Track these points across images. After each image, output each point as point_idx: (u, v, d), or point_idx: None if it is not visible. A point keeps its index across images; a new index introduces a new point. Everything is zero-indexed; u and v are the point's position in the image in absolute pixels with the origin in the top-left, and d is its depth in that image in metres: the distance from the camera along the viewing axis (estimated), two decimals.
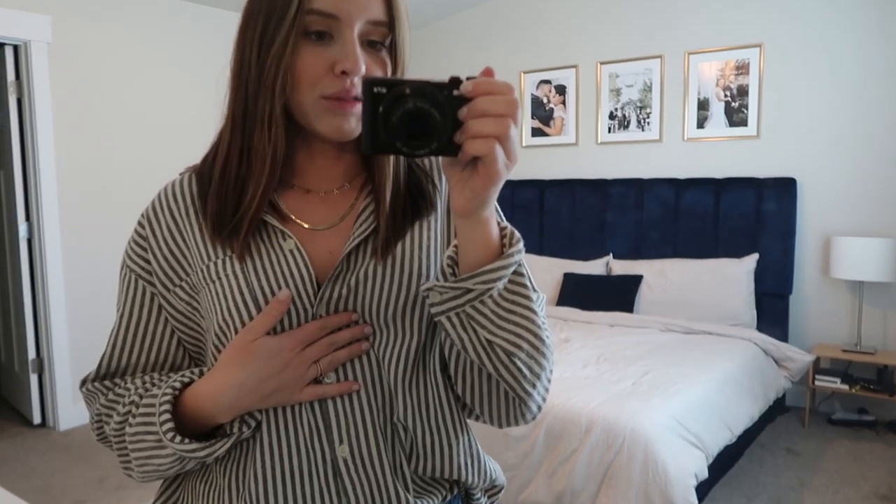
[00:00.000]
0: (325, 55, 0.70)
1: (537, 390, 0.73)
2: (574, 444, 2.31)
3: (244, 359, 0.70)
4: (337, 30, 0.70)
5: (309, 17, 0.69)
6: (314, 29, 0.69)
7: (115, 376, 0.82)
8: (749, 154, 3.86)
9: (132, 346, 0.81)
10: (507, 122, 0.58)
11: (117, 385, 0.81)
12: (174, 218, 0.79)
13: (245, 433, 0.74)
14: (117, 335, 0.81)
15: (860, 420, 3.47)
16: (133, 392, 0.78)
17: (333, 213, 0.79)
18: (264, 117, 0.71)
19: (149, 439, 0.74)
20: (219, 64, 2.41)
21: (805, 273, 3.75)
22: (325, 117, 0.71)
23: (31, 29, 3.46)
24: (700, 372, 2.79)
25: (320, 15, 0.68)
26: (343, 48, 0.69)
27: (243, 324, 0.72)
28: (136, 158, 3.93)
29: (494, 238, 0.66)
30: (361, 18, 0.70)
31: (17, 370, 3.90)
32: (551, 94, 4.53)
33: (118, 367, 0.81)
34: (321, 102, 0.71)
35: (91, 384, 0.82)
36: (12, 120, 3.56)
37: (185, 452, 0.71)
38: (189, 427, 0.73)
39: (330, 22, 0.69)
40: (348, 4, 0.69)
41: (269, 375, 0.69)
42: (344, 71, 0.69)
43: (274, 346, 0.70)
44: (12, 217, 3.69)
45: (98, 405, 0.81)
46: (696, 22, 3.97)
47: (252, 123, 0.73)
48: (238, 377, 0.69)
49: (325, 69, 0.70)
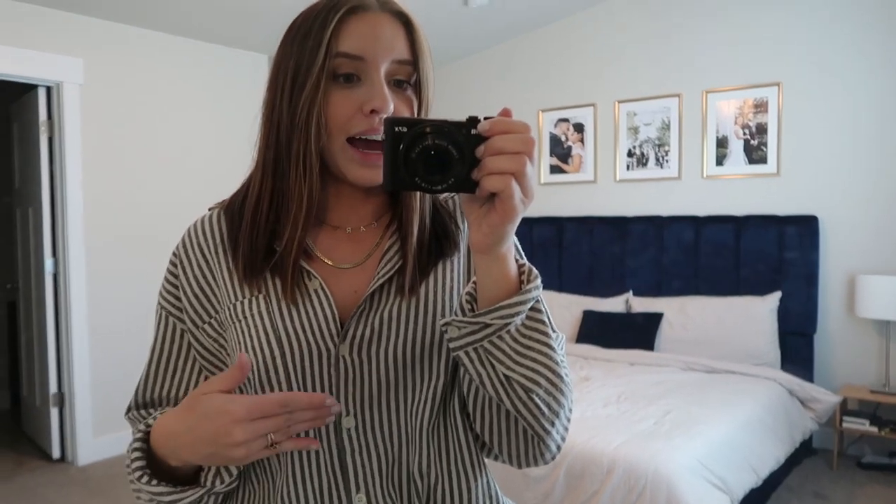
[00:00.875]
0: (354, 97, 0.72)
1: (556, 429, 0.72)
2: (595, 485, 2.27)
3: (188, 411, 0.67)
4: (364, 72, 0.72)
5: (337, 60, 0.71)
6: (342, 72, 0.72)
7: (149, 406, 0.84)
8: (769, 192, 3.85)
9: (163, 381, 0.83)
10: (523, 159, 0.59)
11: (150, 415, 0.82)
12: (204, 256, 0.80)
13: (218, 486, 0.72)
14: (150, 369, 0.83)
15: (891, 464, 3.37)
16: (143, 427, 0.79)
17: (359, 251, 0.80)
18: (299, 160, 0.73)
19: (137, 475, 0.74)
20: (246, 105, 2.50)
21: (830, 312, 3.69)
22: (353, 166, 0.73)
23: (64, 71, 3.58)
24: (723, 412, 2.73)
25: (347, 57, 0.71)
26: (371, 89, 0.71)
27: (265, 363, 0.73)
28: (162, 198, 4.01)
29: (513, 274, 0.66)
30: (387, 59, 0.72)
31: (38, 404, 3.93)
32: (569, 132, 4.57)
33: (150, 399, 0.84)
34: (348, 150, 0.73)
35: (133, 412, 0.84)
36: (43, 158, 3.66)
37: (152, 494, 0.71)
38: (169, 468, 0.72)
39: (357, 64, 0.71)
40: (374, 46, 0.71)
41: (203, 438, 0.65)
42: (373, 110, 0.71)
43: (216, 407, 0.64)
44: (39, 252, 3.76)
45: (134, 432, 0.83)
46: (713, 61, 4.00)
47: (286, 167, 0.74)
48: (175, 427, 0.68)
49: (354, 110, 0.72)
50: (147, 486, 0.70)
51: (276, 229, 0.76)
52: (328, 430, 0.75)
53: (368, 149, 0.73)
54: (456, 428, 0.79)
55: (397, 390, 0.75)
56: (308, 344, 0.74)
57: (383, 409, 0.75)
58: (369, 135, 0.72)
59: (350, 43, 0.71)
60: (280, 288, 0.76)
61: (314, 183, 0.74)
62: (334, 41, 0.71)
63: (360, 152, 0.72)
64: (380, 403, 0.75)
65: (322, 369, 0.74)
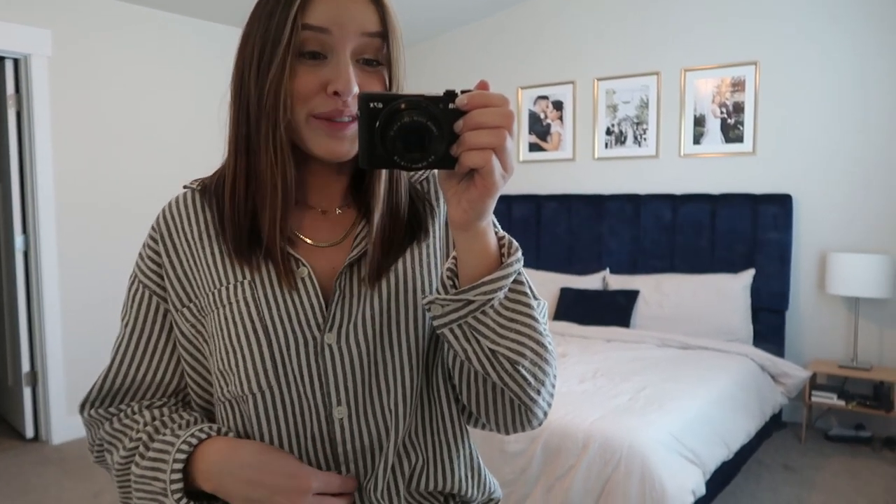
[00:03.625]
0: (319, 74, 0.70)
1: (542, 396, 0.73)
2: (571, 459, 2.30)
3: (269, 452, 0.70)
4: (331, 49, 0.70)
5: (304, 34, 0.69)
6: (308, 49, 0.70)
7: (116, 396, 0.81)
8: (745, 170, 3.89)
9: (139, 363, 0.80)
10: (502, 133, 0.58)
11: (122, 412, 0.80)
12: (186, 238, 0.78)
13: None
14: (125, 350, 0.80)
15: (857, 436, 3.47)
16: (141, 427, 0.77)
17: (336, 231, 0.79)
18: (269, 142, 0.71)
19: (156, 486, 0.73)
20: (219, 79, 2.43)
21: (801, 289, 3.76)
22: (316, 138, 0.72)
23: (32, 43, 3.48)
24: (697, 387, 2.78)
25: (313, 30, 0.69)
26: (336, 68, 0.69)
27: (250, 351, 0.72)
28: (134, 172, 3.94)
29: (493, 248, 0.66)
30: (355, 31, 0.70)
31: (10, 383, 3.87)
32: (548, 109, 4.56)
33: (121, 387, 0.80)
34: (312, 122, 0.71)
35: (94, 410, 0.81)
36: (11, 133, 3.57)
37: None
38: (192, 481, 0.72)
39: (323, 39, 0.69)
40: (341, 16, 0.69)
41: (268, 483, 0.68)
42: (336, 91, 0.69)
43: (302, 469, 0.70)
44: (9, 229, 3.68)
45: (102, 431, 0.79)
46: (692, 39, 4.01)
47: (256, 147, 0.73)
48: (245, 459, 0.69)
49: (317, 88, 0.70)
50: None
51: (257, 210, 0.74)
52: (320, 420, 0.74)
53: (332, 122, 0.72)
54: (439, 399, 0.79)
55: (385, 374, 0.75)
56: (294, 332, 0.73)
57: (374, 394, 0.75)
58: (332, 117, 0.70)
59: (316, 15, 0.69)
60: (265, 275, 0.75)
61: (286, 162, 0.72)
62: (300, 14, 0.68)
63: (325, 122, 0.71)
64: (370, 389, 0.75)
65: (308, 358, 0.73)
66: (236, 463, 0.69)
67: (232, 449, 0.70)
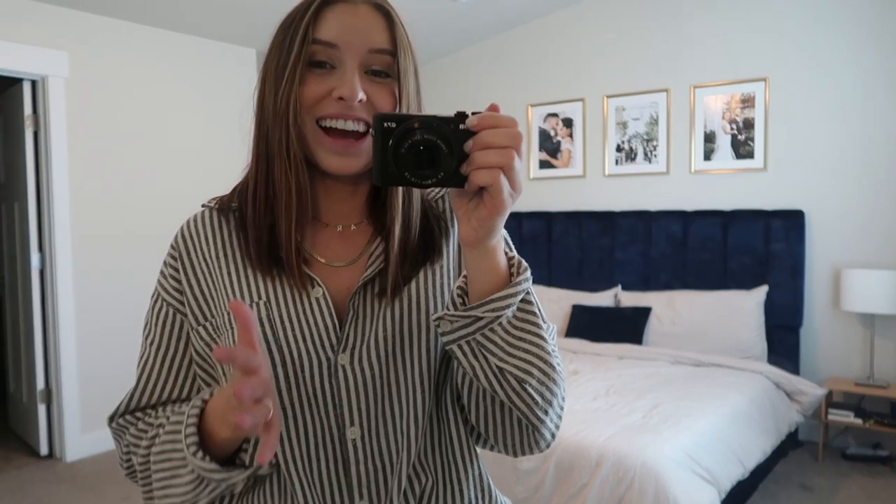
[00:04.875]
0: (326, 82, 0.73)
1: (550, 417, 0.73)
2: (584, 478, 2.28)
3: None
4: (338, 60, 0.73)
5: (313, 48, 0.73)
6: (317, 59, 0.73)
7: (145, 409, 0.82)
8: (756, 186, 3.88)
9: (166, 379, 0.80)
10: (510, 153, 0.60)
11: (148, 415, 0.81)
12: (205, 258, 0.80)
13: (264, 469, 0.73)
14: (151, 367, 0.81)
15: (875, 455, 3.42)
16: (162, 416, 0.78)
17: (351, 249, 0.80)
18: (282, 147, 0.74)
19: (175, 457, 0.73)
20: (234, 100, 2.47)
21: (815, 305, 3.73)
22: (323, 153, 0.74)
23: (49, 64, 3.54)
24: (711, 405, 2.76)
25: (321, 44, 0.72)
26: (342, 76, 0.72)
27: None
28: (149, 191, 3.98)
29: (502, 267, 0.67)
30: (362, 47, 0.73)
31: (25, 400, 3.90)
32: (558, 126, 4.58)
33: (149, 401, 0.81)
34: (318, 132, 0.73)
35: (121, 418, 0.81)
36: (28, 152, 3.63)
37: (203, 471, 0.69)
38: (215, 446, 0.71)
39: (331, 52, 0.73)
40: (348, 34, 0.73)
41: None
42: (341, 97, 0.72)
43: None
44: (25, 247, 3.73)
45: (128, 437, 0.80)
46: (701, 56, 4.02)
47: (272, 153, 0.75)
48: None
49: (324, 94, 0.73)
50: (200, 462, 0.68)
51: (275, 221, 0.76)
52: (333, 441, 0.75)
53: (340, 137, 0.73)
54: (448, 420, 0.80)
55: (398, 394, 0.75)
56: (308, 353, 0.74)
57: (387, 414, 0.75)
58: (337, 120, 0.73)
59: (325, 31, 0.72)
60: (281, 295, 0.76)
61: (300, 172, 0.74)
62: (312, 29, 0.72)
63: (330, 138, 0.73)
64: (383, 410, 0.75)
65: (322, 379, 0.74)
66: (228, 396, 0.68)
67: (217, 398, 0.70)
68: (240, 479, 0.71)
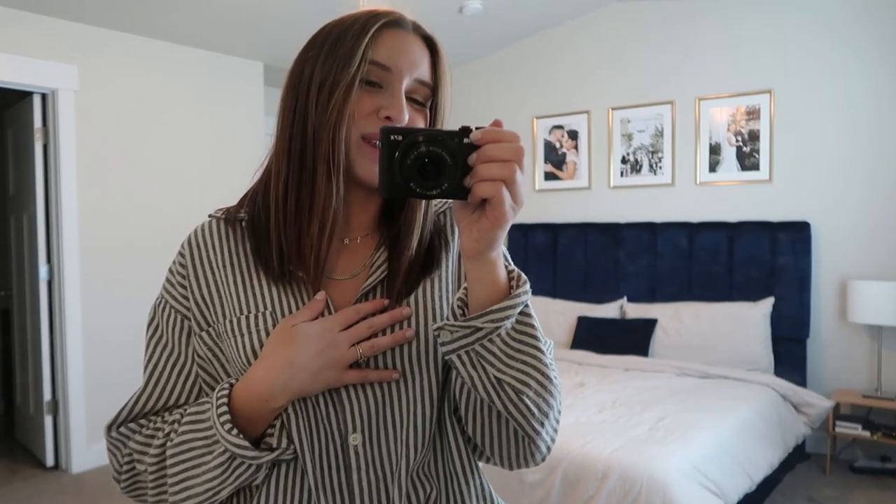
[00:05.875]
0: (375, 100, 0.76)
1: (546, 429, 0.74)
2: (591, 490, 2.28)
3: (290, 340, 0.72)
4: (387, 82, 0.76)
5: (368, 68, 0.75)
6: (370, 79, 0.76)
7: (147, 416, 0.82)
8: (762, 198, 3.88)
9: (175, 382, 0.82)
10: (513, 166, 0.62)
11: (152, 421, 0.81)
12: (211, 267, 0.81)
13: (288, 451, 0.75)
14: (161, 370, 0.82)
15: (883, 468, 3.39)
16: (170, 418, 0.79)
17: (354, 262, 0.82)
18: (328, 159, 0.75)
19: (197, 445, 0.74)
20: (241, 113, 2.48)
21: (822, 317, 3.72)
22: (363, 161, 0.76)
23: (59, 78, 3.58)
24: (717, 417, 2.75)
25: (377, 66, 0.75)
26: (391, 97, 0.75)
27: None
28: (157, 205, 4.01)
29: (502, 279, 0.69)
30: (410, 74, 0.76)
31: (31, 412, 3.91)
32: (564, 138, 4.59)
33: (154, 406, 0.82)
34: (362, 144, 0.76)
35: (122, 427, 0.82)
36: (37, 165, 3.66)
37: (238, 448, 0.71)
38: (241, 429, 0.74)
39: (383, 74, 0.76)
40: (402, 60, 0.76)
41: (315, 353, 0.72)
42: (388, 116, 0.74)
43: (317, 327, 0.73)
44: (33, 259, 3.75)
45: (132, 444, 0.80)
46: (706, 68, 4.04)
47: (310, 163, 0.76)
48: (287, 356, 0.71)
49: (371, 111, 0.75)
50: (235, 439, 0.71)
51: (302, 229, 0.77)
52: (336, 448, 0.76)
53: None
54: (448, 433, 0.81)
55: (400, 403, 0.77)
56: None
57: (388, 423, 0.77)
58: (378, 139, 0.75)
59: (382, 53, 0.75)
60: (286, 305, 0.77)
61: (340, 182, 0.76)
62: (369, 49, 0.75)
63: (372, 147, 0.75)
64: (384, 418, 0.77)
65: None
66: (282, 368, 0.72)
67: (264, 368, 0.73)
68: (267, 460, 0.73)
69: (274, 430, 0.75)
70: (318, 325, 0.73)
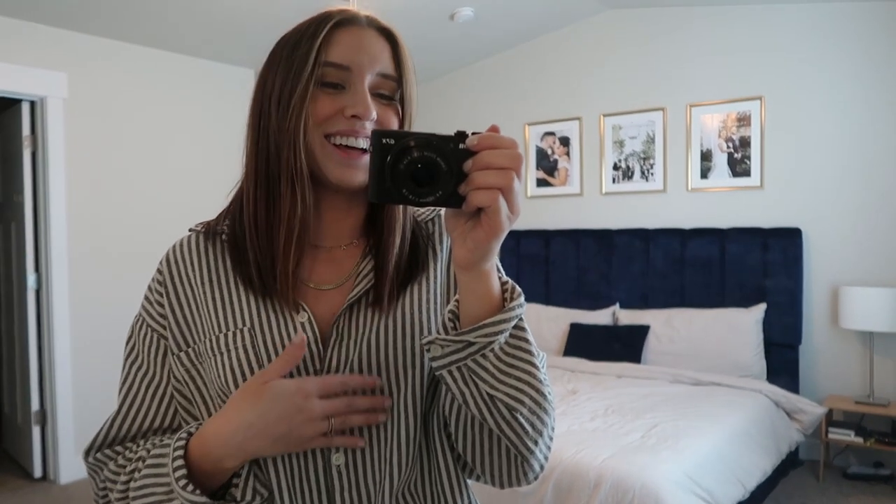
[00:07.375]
0: (337, 101, 0.73)
1: (539, 447, 0.71)
2: (583, 499, 2.26)
3: (255, 399, 0.67)
4: (349, 81, 0.73)
5: (325, 69, 0.73)
6: (328, 80, 0.73)
7: (123, 441, 0.80)
8: (753, 204, 3.88)
9: (149, 406, 0.79)
10: (510, 174, 0.59)
11: (128, 449, 0.78)
12: (190, 284, 0.79)
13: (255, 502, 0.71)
14: (135, 394, 0.79)
15: (876, 474, 3.39)
16: (141, 449, 0.77)
17: (339, 271, 0.79)
18: (290, 165, 0.73)
19: (157, 492, 0.71)
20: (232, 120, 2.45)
21: (814, 323, 3.72)
22: (331, 164, 0.73)
23: (48, 85, 3.56)
24: (710, 425, 2.74)
25: (334, 67, 0.73)
26: (354, 96, 0.73)
27: None
28: (146, 213, 3.98)
29: (496, 291, 0.65)
30: (372, 70, 0.74)
31: (19, 422, 3.87)
32: (555, 145, 4.59)
33: (128, 432, 0.79)
34: (326, 145, 0.73)
35: (100, 452, 0.79)
36: (26, 173, 3.63)
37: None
38: (199, 481, 0.70)
39: (342, 74, 0.73)
40: (360, 57, 0.73)
41: (279, 418, 0.66)
42: (354, 115, 0.72)
43: (289, 388, 0.67)
44: (21, 267, 3.72)
45: (105, 473, 0.78)
46: (697, 75, 4.05)
47: (275, 174, 0.74)
48: (247, 416, 0.66)
49: (335, 111, 0.73)
50: (190, 496, 0.66)
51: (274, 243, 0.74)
52: (317, 469, 0.73)
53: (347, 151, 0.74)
54: (436, 450, 0.78)
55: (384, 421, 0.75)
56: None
57: (371, 441, 0.74)
58: (348, 137, 0.73)
59: (337, 53, 0.73)
60: (265, 321, 0.75)
61: (305, 188, 0.73)
62: (323, 51, 0.72)
63: (339, 149, 0.73)
64: (368, 435, 0.74)
65: None
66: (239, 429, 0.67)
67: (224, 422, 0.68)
68: None
69: (239, 479, 0.70)
70: (292, 386, 0.67)
